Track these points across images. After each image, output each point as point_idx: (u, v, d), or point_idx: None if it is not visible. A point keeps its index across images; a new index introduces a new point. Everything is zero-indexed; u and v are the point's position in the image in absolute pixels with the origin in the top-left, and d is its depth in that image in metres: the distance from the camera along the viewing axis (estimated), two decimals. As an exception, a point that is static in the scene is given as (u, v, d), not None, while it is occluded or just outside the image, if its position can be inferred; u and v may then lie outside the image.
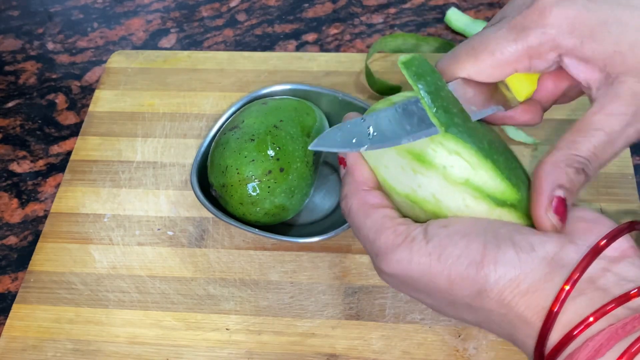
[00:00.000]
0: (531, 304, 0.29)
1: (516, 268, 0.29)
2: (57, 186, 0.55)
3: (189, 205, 0.52)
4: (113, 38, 0.65)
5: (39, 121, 0.60)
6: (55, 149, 0.58)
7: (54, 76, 0.63)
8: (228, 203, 0.46)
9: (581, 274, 0.28)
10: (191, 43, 0.64)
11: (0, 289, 0.50)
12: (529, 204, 0.32)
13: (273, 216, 0.47)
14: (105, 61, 0.63)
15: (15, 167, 0.57)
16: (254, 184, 0.45)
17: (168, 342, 0.45)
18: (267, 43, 0.64)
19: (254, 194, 0.45)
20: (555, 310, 0.28)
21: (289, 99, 0.50)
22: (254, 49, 0.63)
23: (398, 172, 0.33)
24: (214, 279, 0.48)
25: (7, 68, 0.64)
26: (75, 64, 0.64)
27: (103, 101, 0.59)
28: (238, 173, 0.45)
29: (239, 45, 0.64)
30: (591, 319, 0.27)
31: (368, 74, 0.56)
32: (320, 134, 0.35)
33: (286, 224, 0.50)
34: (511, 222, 0.32)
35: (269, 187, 0.45)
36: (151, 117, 0.57)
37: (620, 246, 0.30)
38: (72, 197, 0.53)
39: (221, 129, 0.49)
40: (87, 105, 0.60)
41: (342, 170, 0.36)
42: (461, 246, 0.30)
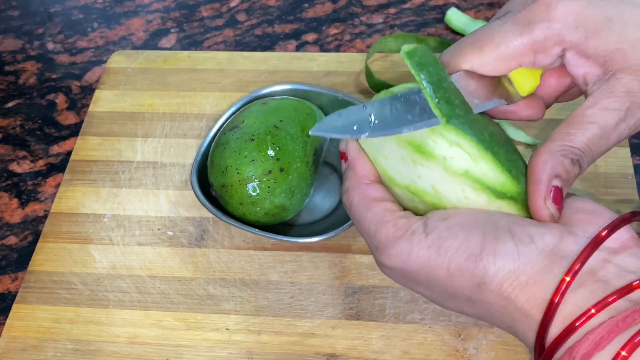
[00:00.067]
0: (531, 296, 0.29)
1: (515, 260, 0.29)
2: (57, 186, 0.55)
3: (189, 205, 0.52)
4: (113, 38, 0.65)
5: (39, 121, 0.60)
6: (55, 149, 0.58)
7: (54, 76, 0.63)
8: (228, 203, 0.46)
9: (582, 265, 0.28)
10: (191, 43, 0.64)
11: (0, 289, 0.50)
12: (527, 196, 0.32)
13: (273, 216, 0.47)
14: (105, 61, 0.63)
15: (15, 167, 0.57)
16: (254, 184, 0.45)
17: (168, 342, 0.45)
18: (267, 43, 0.64)
19: (254, 194, 0.45)
20: (556, 300, 0.28)
21: (289, 99, 0.50)
22: (254, 49, 0.63)
23: (398, 163, 0.33)
24: (214, 279, 0.48)
25: (7, 68, 0.64)
26: (75, 64, 0.64)
27: (103, 101, 0.59)
28: (238, 173, 0.45)
29: (239, 45, 0.64)
30: (593, 311, 0.27)
31: (368, 74, 0.56)
32: (323, 120, 0.34)
33: (286, 224, 0.50)
34: (511, 214, 0.32)
35: (269, 187, 0.45)
36: (151, 117, 0.57)
37: (620, 237, 0.30)
38: (72, 197, 0.53)
39: (221, 129, 0.49)
40: (87, 105, 0.60)
41: (344, 164, 0.35)
42: (460, 238, 0.30)
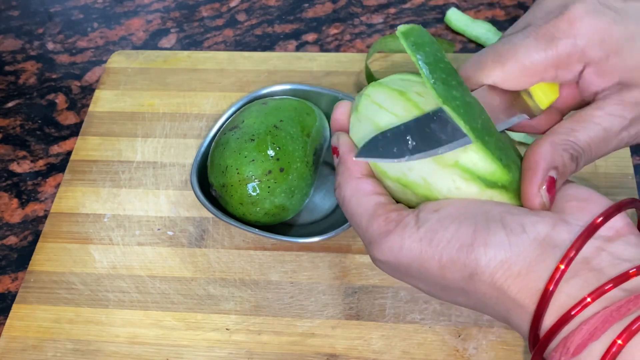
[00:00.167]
0: (524, 286, 0.29)
1: (506, 250, 0.29)
2: (57, 186, 0.55)
3: (189, 205, 0.52)
4: (113, 38, 0.65)
5: (39, 121, 0.60)
6: (55, 149, 0.58)
7: (54, 76, 0.63)
8: (228, 203, 0.46)
9: (577, 252, 0.28)
10: (191, 43, 0.64)
11: (0, 289, 0.50)
12: (521, 181, 0.31)
13: (273, 216, 0.47)
14: (105, 61, 0.63)
15: (15, 167, 0.57)
16: (254, 184, 0.45)
17: (168, 342, 0.45)
18: (267, 43, 0.64)
19: (254, 194, 0.45)
20: (550, 289, 0.28)
21: (289, 99, 0.50)
22: (254, 49, 0.63)
23: None
24: (214, 279, 0.48)
25: (7, 68, 0.64)
26: (75, 64, 0.64)
27: (103, 101, 0.59)
28: (238, 173, 0.45)
29: (239, 45, 0.64)
30: (588, 299, 0.27)
31: (368, 74, 0.56)
32: (365, 144, 0.33)
33: (286, 224, 0.50)
34: (503, 203, 0.32)
35: (269, 187, 0.45)
36: (151, 117, 0.57)
37: (614, 225, 0.30)
38: (72, 197, 0.53)
39: (221, 129, 0.49)
40: (87, 105, 0.60)
41: (336, 159, 0.35)
42: (452, 230, 0.30)
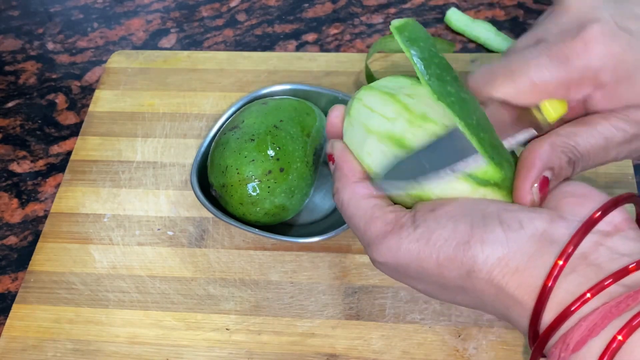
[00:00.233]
0: (522, 283, 0.29)
1: (504, 247, 0.29)
2: (57, 186, 0.55)
3: (189, 205, 0.52)
4: (113, 38, 0.65)
5: (39, 121, 0.60)
6: (55, 149, 0.58)
7: (54, 76, 0.63)
8: (228, 203, 0.46)
9: (575, 248, 0.28)
10: (191, 43, 0.64)
11: (0, 289, 0.50)
12: (514, 178, 0.32)
13: (273, 216, 0.47)
14: (105, 61, 0.63)
15: (15, 167, 0.57)
16: (254, 184, 0.45)
17: (168, 342, 0.45)
18: (267, 43, 0.64)
19: (254, 194, 0.45)
20: (549, 285, 0.28)
21: (289, 99, 0.50)
22: (254, 49, 0.63)
23: (381, 158, 0.33)
24: (214, 279, 0.48)
25: (7, 68, 0.64)
26: (75, 64, 0.64)
27: (103, 101, 0.59)
28: (238, 173, 0.45)
29: (239, 45, 0.64)
30: (588, 295, 0.27)
31: (368, 74, 0.56)
32: (383, 175, 0.33)
33: (286, 224, 0.50)
34: (499, 200, 0.32)
35: (269, 187, 0.45)
36: (151, 117, 0.57)
37: (612, 220, 0.30)
38: (72, 197, 0.53)
39: (221, 129, 0.49)
40: (87, 105, 0.60)
41: (332, 165, 0.36)
42: (449, 228, 0.30)
